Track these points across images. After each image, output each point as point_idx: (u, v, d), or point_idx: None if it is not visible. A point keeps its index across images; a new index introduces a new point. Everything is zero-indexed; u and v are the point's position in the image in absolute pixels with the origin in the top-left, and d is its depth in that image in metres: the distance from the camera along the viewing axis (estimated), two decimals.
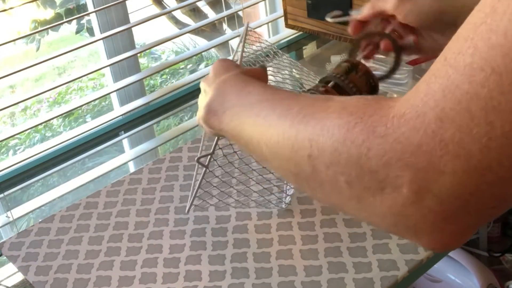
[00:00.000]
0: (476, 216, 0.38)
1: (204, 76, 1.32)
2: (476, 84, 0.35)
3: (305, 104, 0.48)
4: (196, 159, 0.73)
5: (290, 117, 0.48)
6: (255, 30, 0.80)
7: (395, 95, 1.11)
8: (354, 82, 0.70)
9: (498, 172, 0.35)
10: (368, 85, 0.71)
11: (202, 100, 0.65)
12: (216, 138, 0.73)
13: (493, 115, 0.34)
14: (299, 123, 0.46)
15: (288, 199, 0.88)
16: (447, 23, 0.70)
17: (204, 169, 0.74)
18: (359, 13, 0.78)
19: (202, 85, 0.66)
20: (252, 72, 0.66)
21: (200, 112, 0.64)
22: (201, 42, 2.46)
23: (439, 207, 0.38)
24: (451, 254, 1.38)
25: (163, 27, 2.32)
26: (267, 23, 1.55)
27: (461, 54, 0.36)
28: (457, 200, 0.37)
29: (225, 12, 1.45)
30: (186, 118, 1.08)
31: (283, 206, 0.88)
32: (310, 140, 0.44)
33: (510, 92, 0.34)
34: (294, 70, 0.92)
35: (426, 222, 0.39)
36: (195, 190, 0.78)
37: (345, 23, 0.82)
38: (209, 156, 0.74)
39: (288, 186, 0.89)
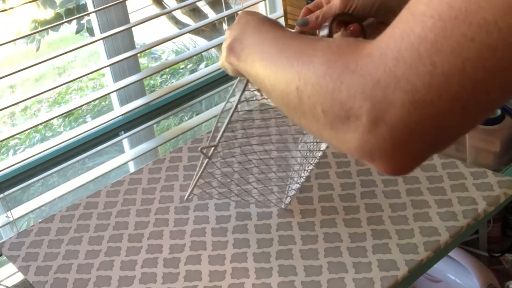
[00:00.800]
0: (421, 145, 0.45)
1: (204, 76, 1.32)
2: (426, 29, 0.41)
3: (302, 42, 0.55)
4: (199, 148, 0.73)
5: (288, 53, 0.55)
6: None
7: None
8: None
9: (438, 105, 0.42)
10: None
11: (225, 42, 0.71)
12: (222, 130, 0.74)
13: (436, 56, 0.41)
14: (293, 59, 0.53)
15: (288, 199, 0.88)
16: (388, 11, 0.77)
17: (206, 159, 0.75)
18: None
19: (227, 32, 0.71)
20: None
21: (223, 52, 0.70)
22: (201, 42, 2.46)
23: (390, 135, 0.44)
24: (451, 254, 1.38)
25: (163, 27, 2.32)
26: None
27: (419, 3, 0.42)
28: (404, 128, 0.44)
29: (225, 12, 1.45)
30: (186, 118, 1.08)
31: (283, 206, 0.88)
32: (299, 74, 0.51)
33: (451, 37, 0.40)
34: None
35: (380, 149, 0.45)
36: (196, 179, 0.78)
37: None
38: (212, 148, 0.74)
39: (289, 187, 0.89)
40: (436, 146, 0.46)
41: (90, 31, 1.90)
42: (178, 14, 2.34)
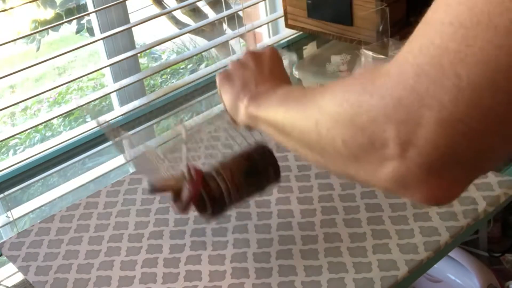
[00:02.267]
0: (460, 168, 0.40)
1: (203, 76, 1.32)
2: (447, 39, 0.37)
3: (324, 85, 0.52)
4: None
5: (309, 92, 0.53)
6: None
7: None
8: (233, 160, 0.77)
9: (469, 123, 0.37)
10: (247, 162, 0.77)
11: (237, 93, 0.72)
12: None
13: (460, 67, 0.36)
14: (316, 94, 0.50)
15: None
16: None
17: None
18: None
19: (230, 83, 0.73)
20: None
21: (240, 103, 0.70)
22: (201, 42, 2.46)
23: (421, 159, 0.39)
24: (451, 254, 1.38)
25: (163, 27, 2.32)
26: (267, 23, 1.55)
27: (436, 12, 0.38)
28: (435, 151, 0.39)
29: (225, 12, 1.44)
30: (186, 118, 1.08)
31: None
32: (319, 107, 0.48)
33: (475, 45, 0.35)
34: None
35: (412, 175, 0.40)
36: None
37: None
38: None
39: None
40: (479, 169, 0.40)
41: (90, 31, 1.90)
42: (178, 14, 2.34)
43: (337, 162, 0.47)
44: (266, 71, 0.74)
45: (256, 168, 0.76)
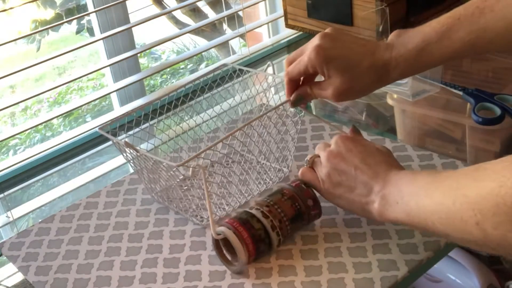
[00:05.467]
0: None
1: (203, 76, 1.31)
2: None
3: (457, 178, 0.59)
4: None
5: (452, 193, 0.58)
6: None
7: (395, 96, 1.12)
8: (280, 205, 0.79)
9: None
10: (293, 208, 0.79)
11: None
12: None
13: None
14: (459, 197, 0.56)
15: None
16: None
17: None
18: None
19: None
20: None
21: (373, 203, 0.73)
22: (201, 42, 2.46)
23: None
24: (451, 254, 1.38)
25: (163, 27, 2.32)
26: (267, 23, 1.55)
27: None
28: None
29: (225, 12, 1.45)
30: (186, 118, 1.08)
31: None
32: (473, 209, 0.53)
33: None
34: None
35: None
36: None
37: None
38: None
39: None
40: None
41: (90, 31, 1.90)
42: (178, 14, 2.34)
43: None
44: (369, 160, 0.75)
45: (302, 216, 0.80)
